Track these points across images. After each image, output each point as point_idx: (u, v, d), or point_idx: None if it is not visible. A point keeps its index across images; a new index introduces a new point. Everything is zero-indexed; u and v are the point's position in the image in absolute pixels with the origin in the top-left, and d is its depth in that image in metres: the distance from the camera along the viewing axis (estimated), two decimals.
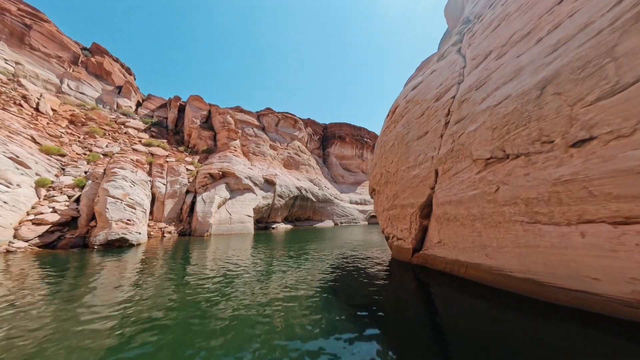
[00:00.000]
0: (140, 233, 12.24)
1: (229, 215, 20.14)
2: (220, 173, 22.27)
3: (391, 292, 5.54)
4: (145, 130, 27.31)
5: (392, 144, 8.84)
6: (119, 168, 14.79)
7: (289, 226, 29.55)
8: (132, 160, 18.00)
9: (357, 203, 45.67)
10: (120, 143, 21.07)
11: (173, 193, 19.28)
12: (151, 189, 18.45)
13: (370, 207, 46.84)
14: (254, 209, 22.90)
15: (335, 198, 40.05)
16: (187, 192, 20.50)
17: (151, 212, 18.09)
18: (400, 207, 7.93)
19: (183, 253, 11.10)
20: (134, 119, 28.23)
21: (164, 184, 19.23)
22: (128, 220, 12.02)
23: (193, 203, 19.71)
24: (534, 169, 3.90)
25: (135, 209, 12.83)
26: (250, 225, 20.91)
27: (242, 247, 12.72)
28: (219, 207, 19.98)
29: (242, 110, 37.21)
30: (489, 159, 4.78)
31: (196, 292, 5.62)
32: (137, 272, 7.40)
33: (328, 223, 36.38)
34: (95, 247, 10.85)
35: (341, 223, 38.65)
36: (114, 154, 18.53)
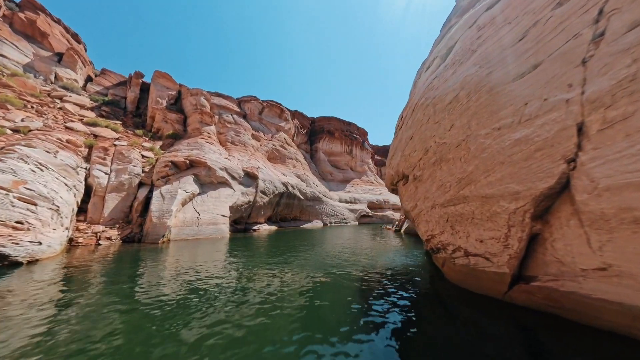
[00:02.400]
0: (40, 243, 7.79)
1: (196, 215, 15.78)
2: (188, 162, 17.75)
3: None
4: (93, 109, 21.84)
5: (452, 99, 5.43)
6: (23, 146, 10.03)
7: (273, 227, 25.52)
8: (57, 139, 13.10)
9: (347, 202, 42.52)
10: (47, 119, 15.82)
11: (119, 185, 14.55)
12: (86, 179, 13.64)
13: (360, 206, 43.97)
14: (230, 207, 18.67)
15: (324, 196, 36.54)
16: (141, 184, 15.82)
17: (85, 211, 13.32)
18: (480, 199, 4.53)
19: (112, 272, 6.92)
20: (79, 94, 22.59)
21: (106, 173, 14.45)
22: (17, 223, 7.52)
23: (149, 199, 15.13)
24: None
25: (36, 205, 8.29)
26: (224, 227, 16.68)
27: (206, 260, 8.70)
28: (183, 204, 15.57)
29: (220, 95, 32.44)
30: None
31: None
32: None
33: (317, 223, 32.77)
34: None
35: (331, 223, 35.23)
36: (31, 130, 13.44)
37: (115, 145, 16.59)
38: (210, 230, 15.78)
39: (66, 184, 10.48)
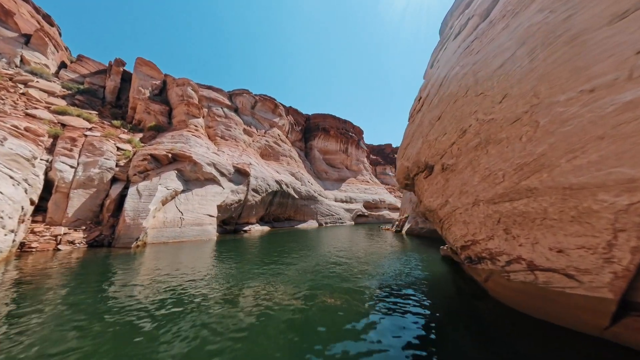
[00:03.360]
0: None
1: (179, 214, 14.06)
2: (170, 156, 15.97)
3: None
4: (64, 97, 19.65)
5: (504, 61, 4.10)
6: None
7: (266, 228, 23.91)
8: (13, 126, 11.15)
9: (342, 201, 41.22)
10: (4, 104, 13.73)
11: (88, 180, 12.68)
12: (46, 173, 11.74)
13: (356, 206, 42.74)
14: (218, 206, 16.99)
15: (319, 195, 35.11)
16: (115, 180, 13.98)
17: (45, 210, 11.43)
18: (560, 192, 3.21)
19: (60, 286, 5.29)
20: (50, 81, 20.33)
21: (71, 167, 12.55)
22: None
23: (123, 197, 13.30)
24: None
25: None
26: (211, 229, 15.01)
27: (185, 271, 7.12)
28: (164, 203, 13.82)
29: (210, 87, 30.50)
30: None
31: None
32: None
33: (312, 223, 31.31)
34: None
35: (326, 223, 33.83)
36: None
37: (85, 135, 14.65)
38: (194, 231, 14.08)
39: (12, 177, 8.64)
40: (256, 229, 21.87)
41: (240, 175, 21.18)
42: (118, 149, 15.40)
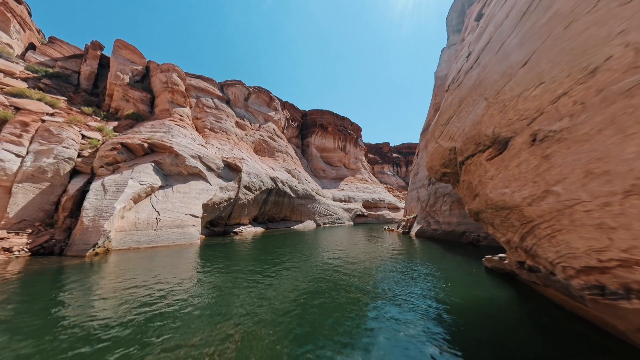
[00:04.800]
0: None
1: (155, 214, 11.82)
2: (146, 146, 13.69)
3: None
4: (27, 80, 17.11)
5: None
6: None
7: (259, 229, 21.73)
8: None
9: (341, 200, 39.25)
10: None
11: (38, 172, 10.35)
12: None
13: (355, 206, 40.81)
14: (204, 204, 14.78)
15: (317, 194, 33.05)
16: (77, 173, 11.66)
17: None
18: None
19: None
20: (10, 61, 17.72)
21: (18, 155, 10.20)
22: None
23: (86, 193, 10.99)
24: None
25: None
26: (194, 231, 12.79)
27: (150, 292, 4.95)
28: (136, 200, 11.56)
29: (199, 77, 28.13)
30: None
31: None
32: None
33: (309, 224, 29.20)
34: None
35: (324, 224, 31.78)
36: None
37: (43, 121, 12.26)
38: (173, 235, 11.86)
39: None
40: (248, 231, 19.67)
41: (231, 170, 18.97)
42: (83, 137, 13.05)
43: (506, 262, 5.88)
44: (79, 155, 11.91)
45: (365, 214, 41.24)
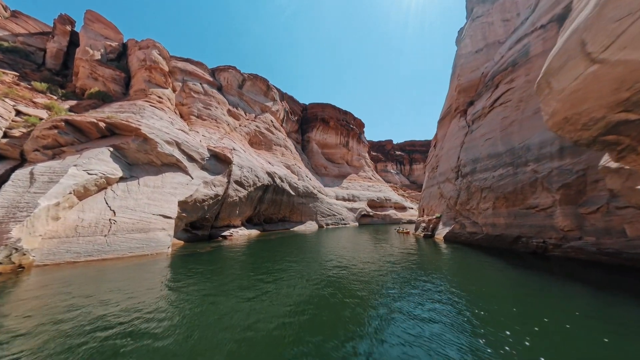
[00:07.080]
0: None
1: (109, 214, 8.77)
2: (103, 126, 10.62)
3: None
4: None
5: None
6: None
7: (254, 231, 18.68)
8: None
9: (344, 199, 36.24)
10: None
11: None
12: None
13: (359, 205, 37.73)
14: (183, 202, 11.72)
15: (319, 192, 30.02)
16: (1, 158, 8.59)
17: None
18: None
19: None
20: None
21: None
22: None
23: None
24: None
25: None
26: (163, 237, 9.72)
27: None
28: (80, 196, 8.51)
29: (187, 60, 25.03)
30: None
31: None
32: None
33: (310, 225, 26.16)
34: None
35: (327, 225, 28.74)
36: None
37: None
38: (133, 242, 8.80)
39: None
40: (241, 234, 16.62)
41: (219, 162, 15.94)
42: (18, 113, 9.98)
43: None
44: (4, 135, 8.85)
45: (371, 214, 38.25)
